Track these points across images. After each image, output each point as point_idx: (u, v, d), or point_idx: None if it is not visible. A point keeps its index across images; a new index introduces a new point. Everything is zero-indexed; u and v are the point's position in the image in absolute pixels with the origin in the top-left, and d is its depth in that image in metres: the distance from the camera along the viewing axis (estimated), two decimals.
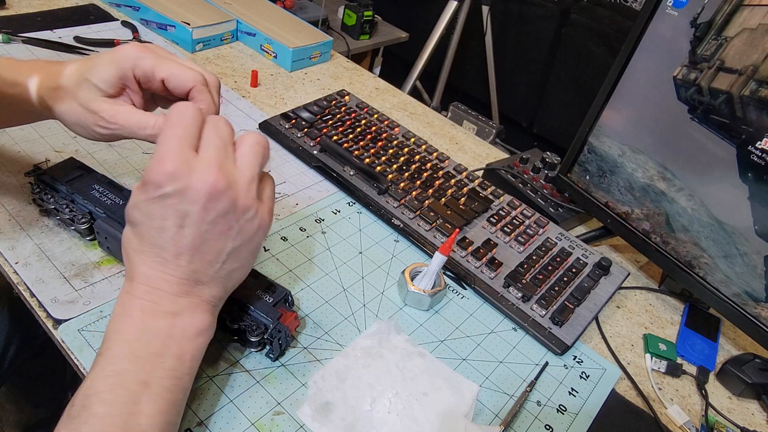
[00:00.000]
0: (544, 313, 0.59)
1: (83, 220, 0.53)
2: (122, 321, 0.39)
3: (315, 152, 0.74)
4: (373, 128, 0.80)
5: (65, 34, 0.88)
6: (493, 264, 0.63)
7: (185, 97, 0.46)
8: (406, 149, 0.77)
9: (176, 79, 0.45)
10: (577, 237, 0.71)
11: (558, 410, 0.53)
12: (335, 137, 0.76)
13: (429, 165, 0.75)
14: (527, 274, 0.63)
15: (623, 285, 0.67)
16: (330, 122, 0.79)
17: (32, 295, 0.50)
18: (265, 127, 0.78)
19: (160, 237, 0.39)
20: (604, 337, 0.62)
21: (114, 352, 0.38)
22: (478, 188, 0.73)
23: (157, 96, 0.50)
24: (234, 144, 0.42)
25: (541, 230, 0.70)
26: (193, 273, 0.41)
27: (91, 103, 0.45)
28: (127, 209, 0.40)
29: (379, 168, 0.72)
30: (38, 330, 0.76)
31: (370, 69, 2.14)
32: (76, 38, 0.87)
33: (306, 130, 0.77)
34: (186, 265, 0.40)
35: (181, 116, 0.40)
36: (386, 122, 0.82)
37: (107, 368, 0.37)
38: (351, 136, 0.77)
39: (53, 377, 0.90)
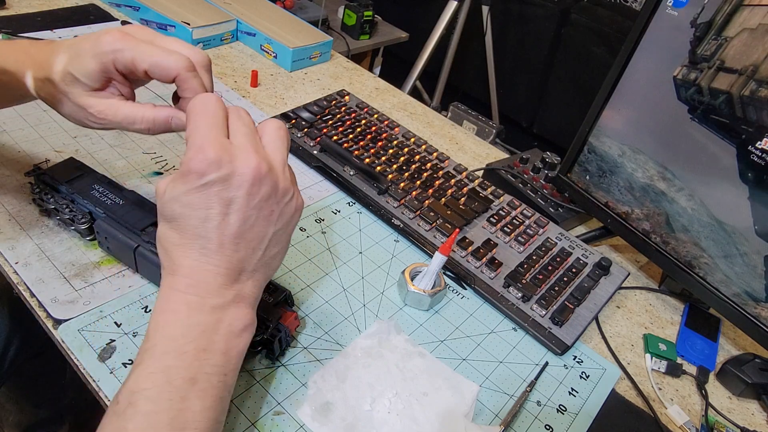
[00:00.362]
0: (544, 313, 0.59)
1: (83, 220, 0.53)
2: (166, 316, 0.38)
3: (315, 152, 0.74)
4: (373, 128, 0.80)
5: (65, 34, 0.88)
6: (493, 264, 0.63)
7: (172, 83, 0.44)
8: (406, 149, 0.77)
9: (158, 69, 0.42)
10: (577, 237, 0.71)
11: (558, 410, 0.53)
12: (335, 137, 0.76)
13: (429, 165, 0.75)
14: (527, 274, 0.63)
15: (623, 285, 0.67)
16: (330, 122, 0.79)
17: (32, 295, 0.50)
18: None
19: (204, 227, 0.38)
20: (604, 337, 0.62)
21: (159, 349, 0.37)
22: (478, 188, 0.73)
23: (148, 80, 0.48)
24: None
25: (541, 230, 0.70)
26: (238, 262, 0.40)
27: (79, 99, 0.44)
28: (163, 205, 0.39)
29: (379, 168, 0.72)
30: (38, 330, 0.75)
31: (370, 69, 2.14)
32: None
33: (306, 130, 0.77)
34: (231, 254, 0.39)
35: (206, 105, 0.40)
36: (386, 122, 0.82)
37: (152, 365, 0.36)
38: (351, 136, 0.77)
39: (53, 377, 0.90)
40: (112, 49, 0.42)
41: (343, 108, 0.83)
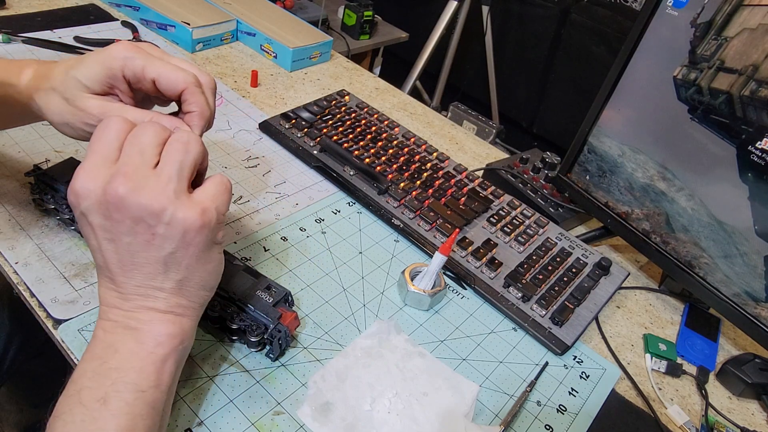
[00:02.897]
0: (544, 313, 0.59)
1: None
2: (90, 344, 0.40)
3: (315, 152, 0.74)
4: (373, 128, 0.80)
5: (65, 34, 0.88)
6: (493, 264, 0.63)
7: (177, 99, 0.44)
8: (406, 149, 0.77)
9: (166, 80, 0.43)
10: (577, 237, 0.71)
11: (558, 410, 0.53)
12: (335, 137, 0.76)
13: (429, 165, 0.75)
14: (527, 274, 0.63)
15: (623, 285, 0.67)
16: (330, 122, 0.79)
17: (32, 295, 0.50)
18: (265, 127, 0.78)
19: (96, 256, 0.39)
20: (604, 337, 0.62)
21: (78, 373, 0.38)
22: (478, 188, 0.73)
23: (150, 96, 0.48)
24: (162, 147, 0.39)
25: (541, 230, 0.70)
26: (137, 288, 0.39)
27: (78, 101, 0.43)
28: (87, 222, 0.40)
29: (379, 168, 0.72)
30: (38, 330, 0.75)
31: (370, 69, 2.14)
32: (76, 38, 0.87)
33: (306, 130, 0.77)
34: (126, 281, 0.39)
35: (104, 130, 0.39)
36: (386, 122, 0.82)
37: (69, 388, 0.37)
38: (351, 136, 0.77)
39: (53, 377, 0.90)
40: (124, 56, 0.43)
41: (343, 108, 0.83)
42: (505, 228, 0.68)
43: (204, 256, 0.40)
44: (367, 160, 0.73)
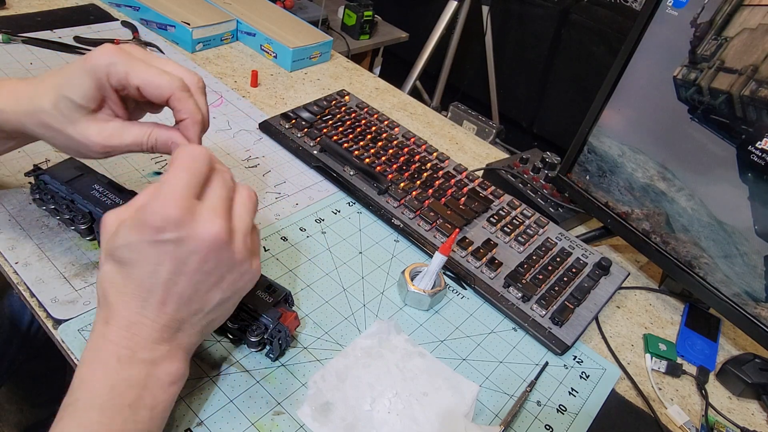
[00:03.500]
0: (544, 313, 0.59)
1: (83, 220, 0.53)
2: (94, 369, 0.37)
3: (315, 152, 0.74)
4: (373, 128, 0.80)
5: (65, 34, 0.88)
6: (493, 264, 0.63)
7: (165, 104, 0.43)
8: (406, 149, 0.77)
9: (151, 87, 0.41)
10: (577, 237, 0.71)
11: (558, 410, 0.53)
12: (335, 137, 0.76)
13: (429, 165, 0.75)
14: (527, 274, 0.63)
15: (623, 285, 0.67)
16: (330, 122, 0.79)
17: (32, 295, 0.50)
18: (265, 127, 0.78)
19: (151, 281, 0.37)
20: (604, 337, 0.62)
21: (82, 404, 0.35)
22: (478, 188, 0.73)
23: (141, 102, 0.46)
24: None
25: (541, 230, 0.70)
26: (175, 321, 0.39)
27: (76, 127, 0.42)
28: (114, 247, 0.37)
29: (379, 168, 0.72)
30: (38, 330, 0.75)
31: (370, 69, 2.14)
32: (76, 38, 0.87)
33: (306, 130, 0.77)
34: (172, 313, 0.38)
35: (192, 160, 0.38)
36: (386, 122, 0.82)
37: (74, 421, 0.35)
38: (351, 136, 0.77)
39: (53, 377, 0.90)
40: (107, 62, 0.41)
41: (343, 108, 0.83)
42: (505, 228, 0.68)
43: (235, 304, 0.43)
44: (367, 160, 0.73)
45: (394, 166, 0.73)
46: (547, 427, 0.51)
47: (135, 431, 0.36)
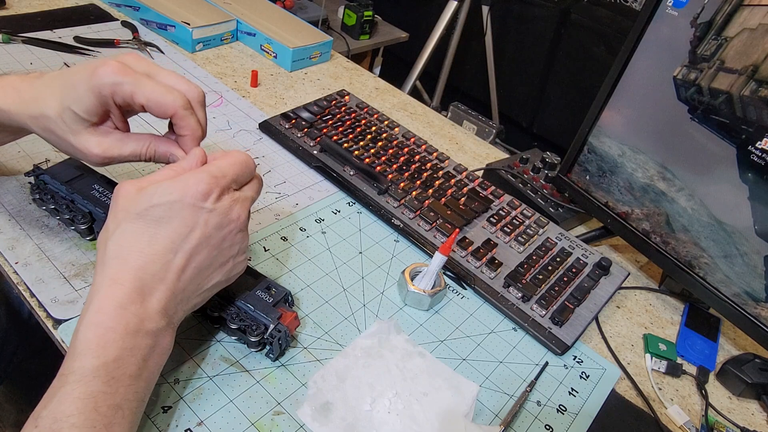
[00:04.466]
0: (544, 313, 0.59)
1: (83, 220, 0.53)
2: (100, 333, 0.36)
3: (315, 152, 0.74)
4: (373, 128, 0.80)
5: (65, 34, 0.88)
6: (493, 264, 0.63)
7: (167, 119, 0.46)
8: (406, 149, 0.77)
9: (155, 106, 0.43)
10: (577, 237, 0.71)
11: (558, 410, 0.53)
12: (335, 137, 0.76)
13: (429, 165, 0.75)
14: (527, 274, 0.63)
15: (623, 285, 0.67)
16: (330, 122, 0.79)
17: (32, 295, 0.50)
18: (265, 127, 0.78)
19: (179, 242, 0.39)
20: (604, 337, 0.62)
21: (89, 371, 0.35)
22: (478, 188, 0.73)
23: None
24: None
25: (541, 230, 0.70)
26: (183, 291, 0.40)
27: (78, 137, 0.44)
28: (149, 206, 0.39)
29: (379, 168, 0.72)
30: (36, 328, 0.75)
31: (370, 69, 2.14)
32: (76, 38, 0.87)
33: (306, 130, 0.77)
34: (185, 282, 0.40)
35: (244, 163, 0.44)
36: (386, 122, 0.82)
37: (79, 389, 0.35)
38: (351, 136, 0.77)
39: (52, 377, 0.90)
40: (112, 82, 0.42)
41: (343, 108, 0.83)
42: (505, 228, 0.68)
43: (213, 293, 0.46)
44: (367, 160, 0.73)
45: (394, 166, 0.73)
46: (547, 427, 0.51)
47: (131, 401, 0.37)
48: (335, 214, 0.68)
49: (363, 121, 0.81)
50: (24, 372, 0.84)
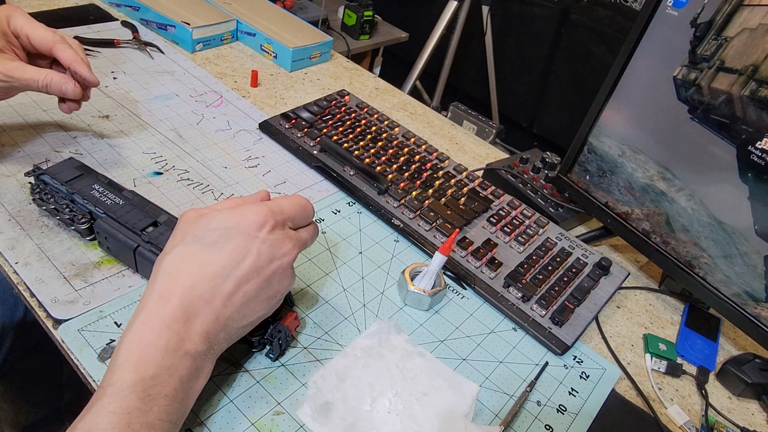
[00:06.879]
0: (544, 313, 0.59)
1: (83, 220, 0.53)
2: (143, 349, 0.37)
3: (315, 152, 0.74)
4: (373, 128, 0.80)
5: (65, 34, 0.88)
6: (493, 264, 0.63)
7: (49, 54, 0.57)
8: (406, 149, 0.77)
9: (38, 37, 0.55)
10: (577, 237, 0.71)
11: (558, 410, 0.53)
12: (335, 137, 0.76)
13: (429, 165, 0.75)
14: (527, 274, 0.63)
15: (623, 285, 0.67)
16: (330, 122, 0.79)
17: (32, 295, 0.50)
18: (265, 127, 0.78)
19: (231, 268, 0.40)
20: (604, 337, 0.62)
21: (126, 384, 0.35)
22: (478, 188, 0.73)
23: (33, 55, 0.59)
24: None
25: (541, 230, 0.70)
26: (227, 318, 0.40)
27: None
28: (207, 230, 0.41)
29: (379, 168, 0.72)
30: (32, 326, 0.75)
31: (370, 69, 2.14)
32: (76, 38, 0.87)
33: (306, 130, 0.77)
34: (232, 309, 0.40)
35: (306, 209, 0.46)
36: (386, 122, 0.82)
37: (114, 403, 0.35)
38: (351, 136, 0.77)
39: (50, 376, 0.90)
40: (7, 14, 0.55)
41: (343, 108, 0.83)
42: (505, 228, 0.68)
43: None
44: (367, 160, 0.73)
45: (394, 166, 0.73)
46: (547, 427, 0.51)
47: (164, 422, 0.36)
48: (335, 214, 0.68)
49: (363, 121, 0.81)
50: (20, 371, 0.84)
